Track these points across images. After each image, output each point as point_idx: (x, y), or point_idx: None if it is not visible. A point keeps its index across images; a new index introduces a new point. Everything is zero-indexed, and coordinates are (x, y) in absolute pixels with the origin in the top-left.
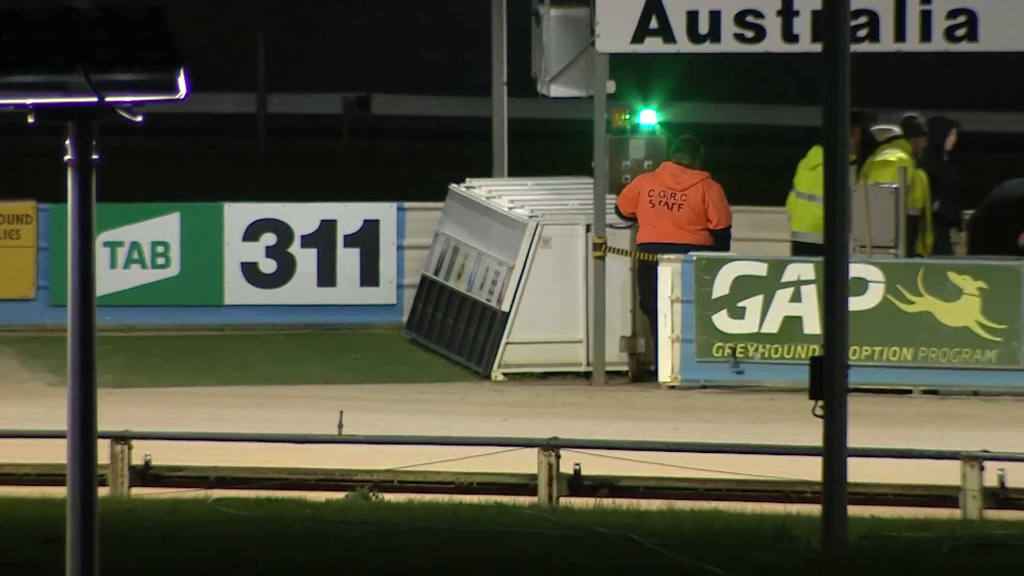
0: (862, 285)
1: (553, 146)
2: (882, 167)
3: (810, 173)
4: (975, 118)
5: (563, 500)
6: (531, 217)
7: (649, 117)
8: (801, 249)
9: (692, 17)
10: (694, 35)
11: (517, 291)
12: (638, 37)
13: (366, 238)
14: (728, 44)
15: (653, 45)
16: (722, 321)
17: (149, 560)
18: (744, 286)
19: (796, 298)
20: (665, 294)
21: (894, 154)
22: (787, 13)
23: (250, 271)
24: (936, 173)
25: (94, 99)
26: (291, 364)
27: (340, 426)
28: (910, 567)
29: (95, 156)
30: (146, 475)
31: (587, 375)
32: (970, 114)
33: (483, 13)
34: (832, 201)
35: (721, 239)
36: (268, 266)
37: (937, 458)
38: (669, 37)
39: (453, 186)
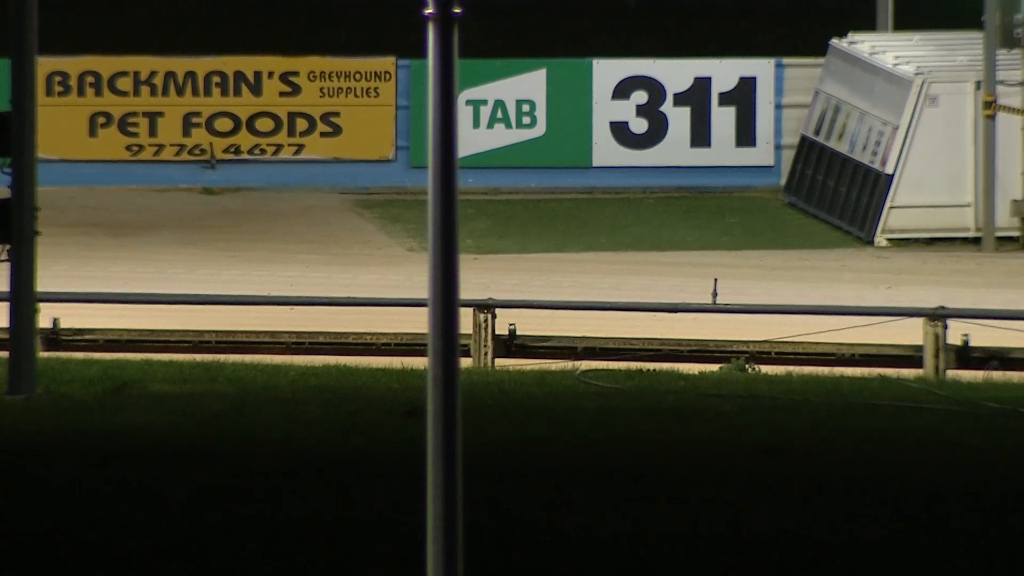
0: None
1: None
2: None
3: None
4: None
5: (950, 373)
6: (917, 74)
7: None
8: None
9: None
10: None
11: (902, 152)
12: None
13: (742, 96)
14: None
15: None
16: None
17: (514, 434)
18: None
19: None
20: None
21: None
22: None
23: (619, 131)
24: None
25: None
26: (663, 229)
27: (714, 294)
28: None
29: (457, 10)
30: (511, 345)
31: (976, 241)
32: None
33: None
34: None
35: None
36: (638, 126)
37: None
38: None
39: (835, 41)
